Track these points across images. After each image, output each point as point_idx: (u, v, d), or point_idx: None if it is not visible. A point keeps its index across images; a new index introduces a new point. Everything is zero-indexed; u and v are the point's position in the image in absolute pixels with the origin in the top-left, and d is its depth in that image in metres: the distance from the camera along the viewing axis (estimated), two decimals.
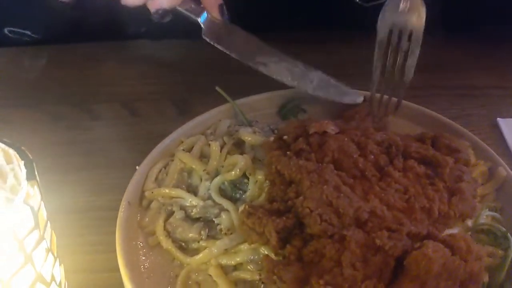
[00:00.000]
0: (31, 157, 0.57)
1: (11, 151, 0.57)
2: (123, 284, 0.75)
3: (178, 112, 1.18)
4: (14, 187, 0.60)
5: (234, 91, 1.05)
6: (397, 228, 0.70)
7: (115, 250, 0.78)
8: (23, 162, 0.56)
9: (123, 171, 0.94)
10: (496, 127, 1.12)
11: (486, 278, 0.73)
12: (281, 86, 1.03)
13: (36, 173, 0.56)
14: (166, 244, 0.82)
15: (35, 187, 0.55)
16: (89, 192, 0.97)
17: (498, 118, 1.13)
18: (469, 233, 0.80)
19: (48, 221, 0.60)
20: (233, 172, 0.87)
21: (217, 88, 1.03)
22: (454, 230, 0.78)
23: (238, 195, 0.87)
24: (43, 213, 0.58)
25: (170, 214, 0.86)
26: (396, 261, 0.67)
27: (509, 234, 0.79)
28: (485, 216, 0.83)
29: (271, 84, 1.02)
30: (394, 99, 0.96)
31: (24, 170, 0.55)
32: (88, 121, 1.15)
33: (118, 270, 0.77)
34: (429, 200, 0.78)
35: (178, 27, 1.03)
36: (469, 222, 0.81)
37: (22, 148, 0.57)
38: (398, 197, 0.77)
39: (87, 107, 1.19)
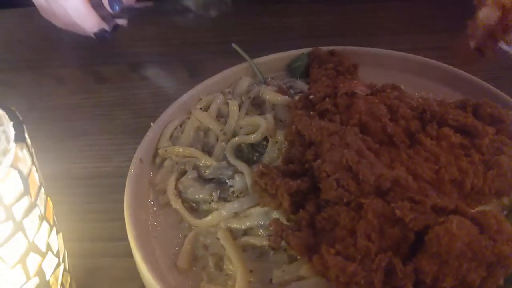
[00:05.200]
0: (21, 118, 0.53)
1: (0, 112, 0.54)
2: (128, 253, 0.71)
3: (188, 75, 1.12)
4: (6, 150, 0.56)
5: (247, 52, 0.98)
6: (421, 200, 0.63)
7: (119, 219, 0.74)
8: (12, 123, 0.52)
9: (130, 136, 0.91)
10: None
11: None
12: (298, 46, 0.96)
13: (26, 135, 0.52)
14: (175, 203, 0.78)
15: (24, 150, 0.51)
16: (94, 158, 0.94)
17: None
18: (505, 212, 0.72)
19: (42, 187, 0.56)
20: (253, 136, 0.82)
21: (233, 45, 0.97)
22: (487, 207, 0.70)
23: (255, 158, 0.82)
24: (35, 178, 0.54)
25: (183, 173, 0.82)
26: (417, 235, 0.60)
27: None
28: None
29: (285, 45, 0.95)
30: None
31: (12, 132, 0.51)
32: (93, 84, 1.12)
33: (123, 239, 0.72)
34: (461, 172, 0.70)
35: None
36: (506, 200, 0.72)
37: (12, 108, 0.54)
38: (427, 167, 0.70)
39: (92, 69, 1.14)
